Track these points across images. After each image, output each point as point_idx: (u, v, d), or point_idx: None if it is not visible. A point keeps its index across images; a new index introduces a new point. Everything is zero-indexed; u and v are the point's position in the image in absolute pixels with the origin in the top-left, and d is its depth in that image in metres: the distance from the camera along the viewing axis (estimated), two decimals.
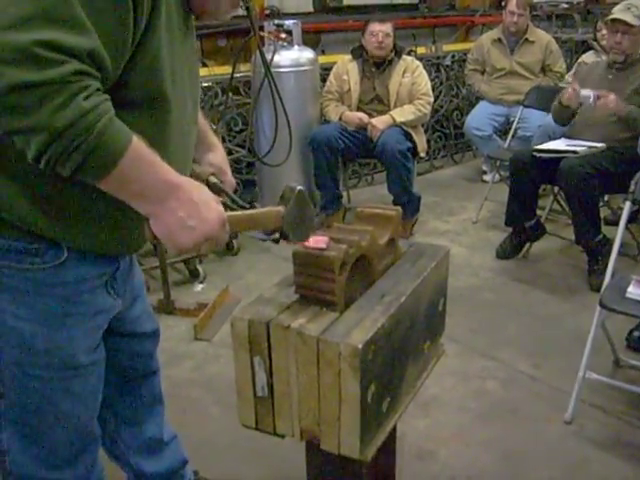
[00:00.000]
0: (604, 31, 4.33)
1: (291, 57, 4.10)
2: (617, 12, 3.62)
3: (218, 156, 1.56)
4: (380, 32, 4.21)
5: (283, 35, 4.06)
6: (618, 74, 3.71)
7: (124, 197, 1.11)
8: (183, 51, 1.27)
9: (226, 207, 1.48)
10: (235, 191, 1.56)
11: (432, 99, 4.40)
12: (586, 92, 3.55)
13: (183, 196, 1.14)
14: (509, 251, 3.93)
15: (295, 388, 1.30)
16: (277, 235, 1.33)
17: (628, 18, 3.55)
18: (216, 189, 1.48)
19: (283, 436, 1.39)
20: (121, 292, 1.43)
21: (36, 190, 1.18)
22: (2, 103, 0.97)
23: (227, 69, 4.23)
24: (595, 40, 5.01)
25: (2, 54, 0.95)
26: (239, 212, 1.31)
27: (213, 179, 1.50)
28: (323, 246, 1.31)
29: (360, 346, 1.19)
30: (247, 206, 1.45)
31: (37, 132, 0.99)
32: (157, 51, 1.15)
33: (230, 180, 1.57)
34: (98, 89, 1.03)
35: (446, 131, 6.00)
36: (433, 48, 5.95)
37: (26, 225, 1.21)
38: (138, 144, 1.07)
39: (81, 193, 1.19)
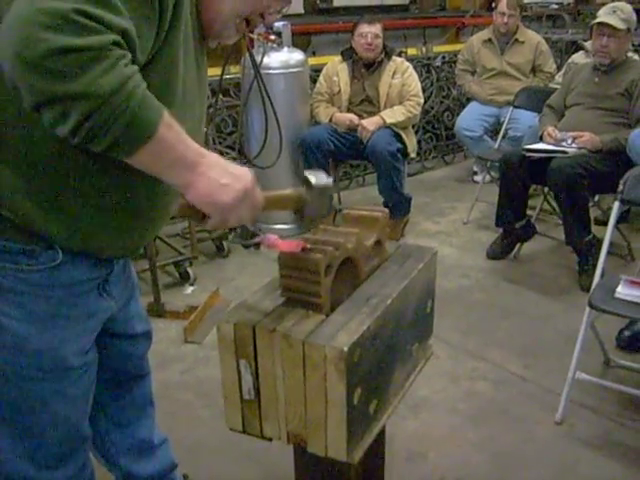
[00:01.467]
0: None
1: (281, 59, 4.09)
2: (603, 15, 3.63)
3: None
4: (369, 33, 4.21)
5: (273, 37, 4.04)
6: (604, 77, 3.72)
7: (157, 169, 1.11)
8: (196, 70, 1.29)
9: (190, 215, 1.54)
10: None
11: (422, 100, 4.40)
12: (562, 135, 3.61)
13: (210, 160, 1.15)
14: (500, 252, 3.93)
15: (281, 391, 1.30)
16: (259, 239, 1.35)
17: (614, 22, 3.56)
18: None
19: (270, 439, 1.39)
20: (115, 294, 1.42)
21: (39, 187, 1.17)
22: (45, 67, 0.95)
23: (217, 71, 4.19)
24: (586, 40, 5.02)
25: (44, 19, 0.94)
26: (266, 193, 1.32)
27: None
28: (298, 250, 1.31)
29: (346, 349, 1.19)
30: None
31: (80, 99, 0.97)
32: (174, 59, 1.17)
33: None
34: (130, 58, 1.03)
35: (437, 132, 6.01)
36: (424, 49, 5.96)
37: (25, 223, 1.20)
38: (167, 115, 1.07)
39: (85, 190, 1.19)
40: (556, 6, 7.46)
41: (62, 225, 1.22)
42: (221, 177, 1.15)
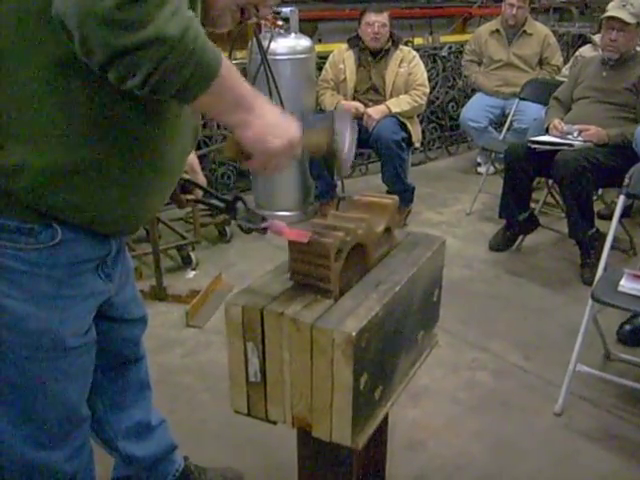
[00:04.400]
0: None
1: (288, 45, 4.07)
2: (612, 9, 3.61)
3: (190, 156, 1.56)
4: (376, 22, 4.20)
5: (280, 22, 4.03)
6: (612, 71, 3.71)
7: (219, 109, 1.16)
8: None
9: (201, 202, 1.58)
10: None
11: (428, 90, 4.39)
12: (568, 128, 3.60)
13: (264, 102, 1.20)
14: (502, 243, 3.93)
15: (288, 375, 1.30)
16: (266, 224, 1.38)
17: (623, 15, 3.54)
18: (191, 184, 1.54)
19: (275, 422, 1.39)
20: (112, 277, 1.43)
21: (47, 157, 1.16)
22: (118, 19, 0.95)
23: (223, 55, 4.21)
24: (594, 34, 5.00)
25: None
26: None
27: (186, 176, 1.54)
28: (305, 240, 1.31)
29: (354, 334, 1.19)
30: (229, 199, 1.47)
31: (155, 44, 0.97)
32: None
33: (202, 179, 1.60)
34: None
35: (441, 122, 6.00)
36: (430, 39, 5.93)
37: (30, 199, 1.19)
38: (225, 58, 1.10)
39: (95, 164, 1.19)
40: None
41: (69, 197, 1.21)
42: (275, 122, 1.20)
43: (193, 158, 1.57)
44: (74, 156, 1.17)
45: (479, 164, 5.46)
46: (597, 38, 4.36)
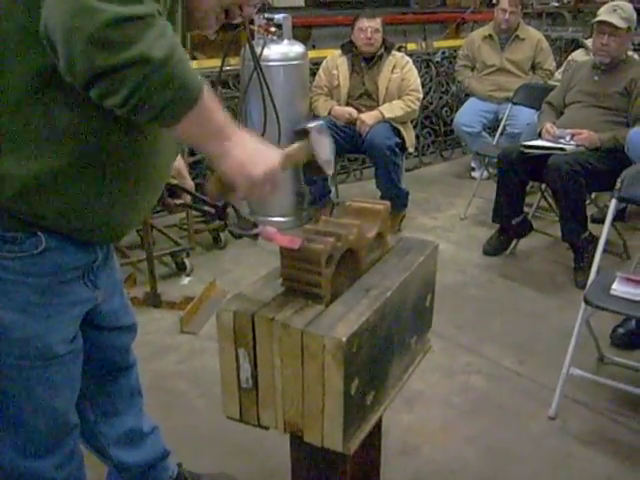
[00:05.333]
0: None
1: (281, 51, 4.08)
2: (603, 14, 3.63)
3: (177, 161, 1.57)
4: (369, 28, 4.21)
5: (273, 29, 4.04)
6: (603, 76, 3.72)
7: (199, 137, 1.16)
8: None
9: (190, 207, 1.59)
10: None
11: (421, 95, 4.40)
12: (561, 132, 3.61)
13: (243, 132, 1.21)
14: (496, 248, 3.94)
15: (279, 380, 1.30)
16: (257, 230, 1.37)
17: (614, 20, 3.56)
18: (179, 189, 1.54)
19: (267, 428, 1.39)
20: (99, 285, 1.42)
21: (28, 167, 1.17)
22: (106, 39, 0.96)
23: (216, 62, 4.21)
24: (586, 38, 5.02)
25: None
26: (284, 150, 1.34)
27: (174, 181, 1.54)
28: (296, 247, 1.31)
29: (344, 339, 1.19)
30: (219, 205, 1.47)
31: (137, 65, 0.98)
32: None
33: (189, 183, 1.60)
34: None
35: (435, 127, 6.01)
36: (423, 44, 5.95)
37: (11, 203, 1.19)
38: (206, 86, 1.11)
39: (77, 173, 1.19)
40: (557, 4, 7.47)
41: (52, 206, 1.21)
42: (255, 150, 1.21)
43: (180, 163, 1.57)
44: (56, 166, 1.18)
45: (473, 169, 5.47)
46: (589, 43, 4.38)
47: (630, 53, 3.90)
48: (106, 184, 1.24)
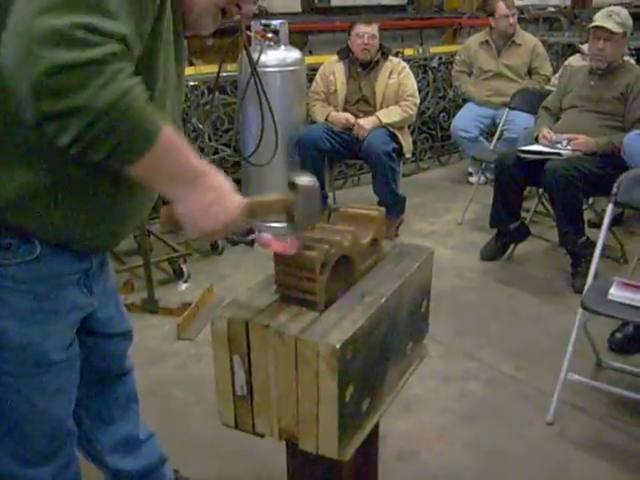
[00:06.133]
0: None
1: (278, 57, 4.09)
2: (599, 19, 3.64)
3: None
4: (366, 34, 4.22)
5: (270, 35, 4.05)
6: (599, 81, 3.73)
7: (153, 182, 1.12)
8: (175, 63, 1.28)
9: None
10: None
11: (418, 100, 4.41)
12: (557, 137, 3.62)
13: (209, 182, 1.15)
14: (493, 253, 3.94)
15: (274, 387, 1.30)
16: (253, 236, 1.35)
17: (610, 25, 3.57)
18: None
19: (262, 435, 1.39)
20: (94, 292, 1.42)
21: (18, 180, 1.17)
22: (45, 85, 0.95)
23: (214, 68, 4.23)
24: (583, 43, 5.03)
25: (42, 36, 0.95)
26: (254, 199, 1.29)
27: None
28: (292, 252, 1.31)
29: (338, 346, 1.19)
30: None
31: (79, 113, 0.98)
32: (155, 55, 1.17)
33: None
34: (131, 69, 1.03)
35: (432, 133, 6.01)
36: (420, 50, 5.96)
37: (2, 214, 1.19)
38: (168, 128, 1.07)
39: (62, 187, 1.20)
40: (553, 9, 7.49)
41: (42, 219, 1.22)
42: (212, 204, 1.16)
43: None
44: (45, 180, 1.18)
45: (470, 174, 5.47)
46: (586, 48, 4.39)
47: (626, 58, 3.91)
48: (96, 199, 1.24)
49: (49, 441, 1.45)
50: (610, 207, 2.61)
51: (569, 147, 3.54)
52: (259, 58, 3.81)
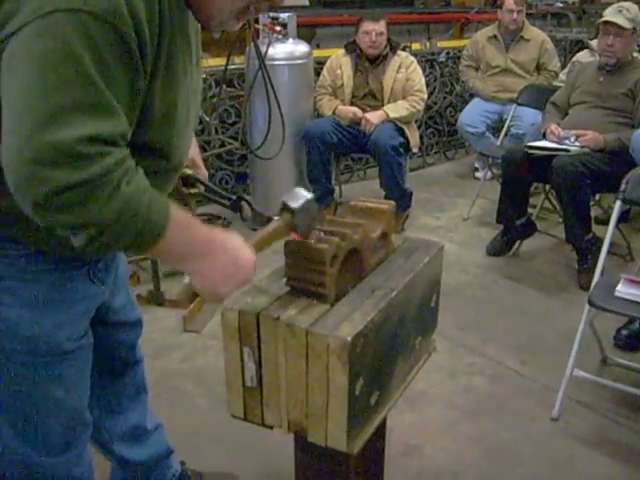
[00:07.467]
0: None
1: (285, 50, 4.08)
2: (609, 15, 3.63)
3: (191, 150, 1.56)
4: (373, 31, 4.20)
5: (278, 28, 4.04)
6: (609, 77, 3.72)
7: (167, 260, 1.22)
8: (187, 72, 1.26)
9: (204, 197, 1.59)
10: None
11: (426, 95, 4.39)
12: (565, 133, 3.61)
13: (219, 248, 1.20)
14: (499, 248, 3.93)
15: (284, 379, 1.30)
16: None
17: (620, 21, 3.56)
18: (192, 179, 1.55)
19: (271, 427, 1.39)
20: (105, 281, 1.43)
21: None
22: (50, 204, 0.97)
23: (221, 61, 4.21)
24: (591, 39, 5.01)
25: (45, 156, 0.95)
26: (256, 237, 1.32)
27: (188, 171, 1.55)
28: (312, 240, 1.31)
29: (349, 339, 1.19)
30: (232, 197, 1.49)
31: (86, 227, 1.01)
32: (174, 68, 1.18)
33: (203, 172, 1.61)
34: (131, 164, 1.05)
35: (439, 128, 6.00)
36: (428, 44, 5.95)
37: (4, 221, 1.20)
38: (175, 211, 1.10)
39: None
40: (561, 4, 7.46)
41: (31, 235, 1.22)
42: (227, 267, 1.20)
43: (195, 151, 1.57)
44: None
45: (477, 169, 5.46)
46: (594, 43, 4.37)
47: (635, 54, 3.88)
48: None
49: (66, 431, 1.45)
50: (618, 204, 2.61)
51: (577, 143, 3.54)
52: (267, 51, 3.82)
